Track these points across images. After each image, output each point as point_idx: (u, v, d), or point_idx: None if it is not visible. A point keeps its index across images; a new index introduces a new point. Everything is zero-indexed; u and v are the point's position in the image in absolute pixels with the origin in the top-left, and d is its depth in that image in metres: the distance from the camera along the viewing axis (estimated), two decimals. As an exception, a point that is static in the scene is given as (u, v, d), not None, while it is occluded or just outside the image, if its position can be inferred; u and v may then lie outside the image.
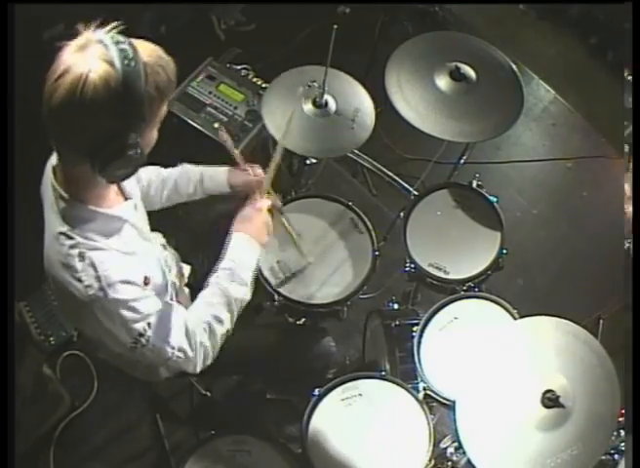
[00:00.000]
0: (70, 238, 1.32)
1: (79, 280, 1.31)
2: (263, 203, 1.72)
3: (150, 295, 1.43)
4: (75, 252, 1.31)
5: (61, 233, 1.33)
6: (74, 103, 1.17)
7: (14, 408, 2.16)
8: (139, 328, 1.39)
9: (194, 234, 2.04)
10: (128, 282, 1.36)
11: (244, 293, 1.60)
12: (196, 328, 1.51)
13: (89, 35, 1.21)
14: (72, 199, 1.34)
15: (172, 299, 1.63)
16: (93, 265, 1.31)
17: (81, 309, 1.35)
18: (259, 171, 1.85)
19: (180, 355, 1.47)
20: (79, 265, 1.31)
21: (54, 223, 1.35)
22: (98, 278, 1.31)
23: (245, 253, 1.63)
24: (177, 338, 1.46)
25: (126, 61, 1.18)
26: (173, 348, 1.46)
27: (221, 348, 1.58)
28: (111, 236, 1.39)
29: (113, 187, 1.46)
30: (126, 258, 1.40)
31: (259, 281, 2.06)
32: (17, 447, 2.18)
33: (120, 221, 1.43)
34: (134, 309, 1.37)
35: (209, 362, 1.56)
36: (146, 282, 1.43)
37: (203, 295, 1.57)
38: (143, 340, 1.40)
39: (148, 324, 1.40)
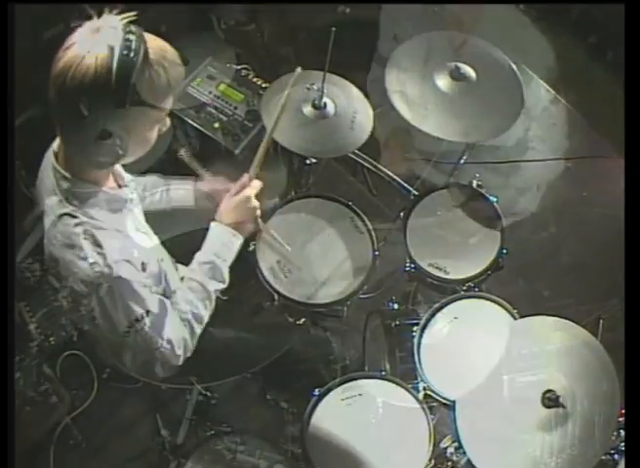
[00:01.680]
0: (74, 217, 1.34)
1: (84, 258, 1.32)
2: (251, 187, 1.68)
3: (149, 285, 1.45)
4: (80, 230, 1.33)
5: (65, 214, 1.34)
6: (65, 78, 1.20)
7: (14, 407, 2.16)
8: (137, 312, 1.40)
9: (189, 235, 2.03)
10: (130, 262, 1.38)
11: (222, 285, 1.62)
12: (180, 321, 1.53)
13: (106, 20, 1.24)
14: (74, 178, 1.36)
15: (164, 292, 1.62)
16: (98, 243, 1.32)
17: (85, 290, 1.35)
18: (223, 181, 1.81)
19: (168, 347, 1.49)
20: (84, 243, 1.32)
21: (56, 207, 1.36)
22: (103, 255, 1.32)
23: (226, 247, 1.62)
24: (167, 330, 1.48)
25: (125, 52, 1.19)
26: (163, 339, 1.47)
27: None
28: (113, 214, 1.41)
29: (111, 174, 1.48)
30: (126, 240, 1.42)
31: (259, 281, 2.06)
32: (17, 446, 2.18)
33: (120, 202, 1.46)
34: (135, 291, 1.38)
35: (188, 354, 1.57)
36: (144, 267, 1.44)
37: (184, 290, 1.58)
38: (139, 326, 1.41)
39: (147, 311, 1.41)
